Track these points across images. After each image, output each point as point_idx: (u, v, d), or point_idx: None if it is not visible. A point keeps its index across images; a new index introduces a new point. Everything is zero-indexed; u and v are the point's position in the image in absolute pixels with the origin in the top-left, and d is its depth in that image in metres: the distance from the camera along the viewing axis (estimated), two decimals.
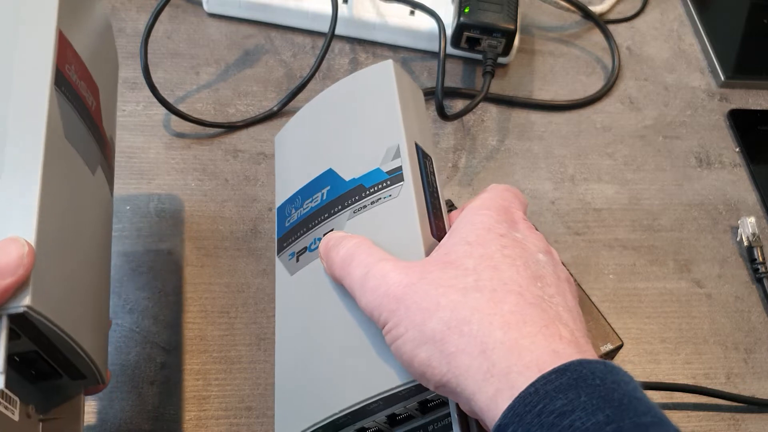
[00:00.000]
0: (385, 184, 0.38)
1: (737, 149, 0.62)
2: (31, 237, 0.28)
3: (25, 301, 0.27)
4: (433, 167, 0.40)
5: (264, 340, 0.47)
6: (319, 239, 0.38)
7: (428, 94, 0.59)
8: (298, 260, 0.39)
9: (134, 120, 0.55)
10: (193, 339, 0.46)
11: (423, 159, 0.39)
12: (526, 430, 0.26)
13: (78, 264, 0.32)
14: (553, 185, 0.57)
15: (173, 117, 0.55)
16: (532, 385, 0.27)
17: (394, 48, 0.63)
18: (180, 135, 0.55)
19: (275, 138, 0.47)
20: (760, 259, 0.54)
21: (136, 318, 0.46)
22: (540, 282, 0.31)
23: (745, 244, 0.55)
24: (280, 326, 0.39)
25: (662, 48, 0.68)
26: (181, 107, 0.55)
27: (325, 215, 0.39)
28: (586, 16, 0.67)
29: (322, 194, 0.40)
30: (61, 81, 0.33)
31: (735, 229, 0.56)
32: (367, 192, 0.38)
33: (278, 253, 0.41)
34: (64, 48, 0.34)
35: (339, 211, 0.38)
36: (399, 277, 0.32)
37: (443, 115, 0.57)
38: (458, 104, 0.61)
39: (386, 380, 0.33)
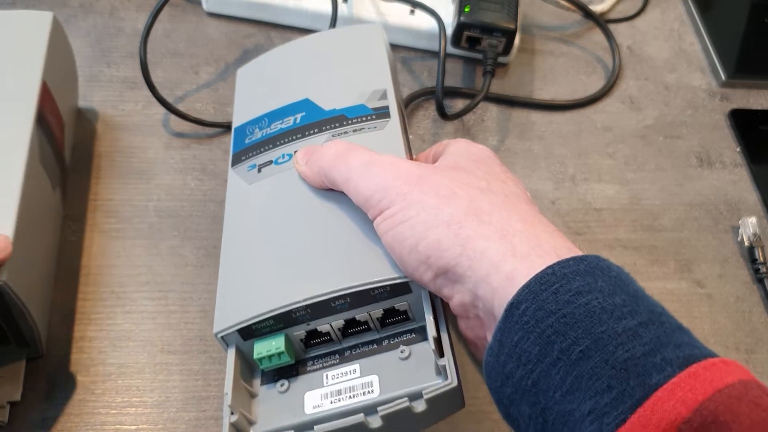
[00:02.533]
0: (369, 118, 0.38)
1: (738, 149, 0.61)
2: (10, 233, 0.38)
3: (3, 277, 0.36)
4: (406, 126, 0.40)
5: None
6: (290, 155, 0.38)
7: (428, 93, 0.59)
8: (260, 171, 0.38)
9: (133, 120, 0.55)
10: (193, 339, 0.46)
11: (401, 111, 0.40)
12: (539, 307, 0.26)
13: (36, 255, 0.43)
14: (553, 185, 0.57)
15: (172, 116, 0.55)
16: (550, 267, 0.27)
17: (394, 47, 0.63)
18: (179, 135, 0.55)
19: (238, 71, 0.46)
20: (761, 259, 0.54)
21: (135, 318, 0.46)
22: (536, 207, 0.33)
23: (746, 244, 0.55)
24: (230, 228, 0.37)
25: (663, 47, 0.68)
26: (181, 107, 0.55)
27: (299, 135, 0.38)
28: (586, 15, 0.67)
29: (296, 118, 0.39)
30: (40, 120, 0.44)
31: (736, 229, 0.56)
32: (350, 121, 0.38)
33: (233, 166, 0.40)
34: (44, 95, 0.44)
35: (316, 133, 0.38)
36: (411, 167, 0.32)
37: (443, 114, 0.56)
38: (458, 104, 0.60)
39: (363, 274, 0.32)
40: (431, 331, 0.31)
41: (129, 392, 0.44)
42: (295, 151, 0.37)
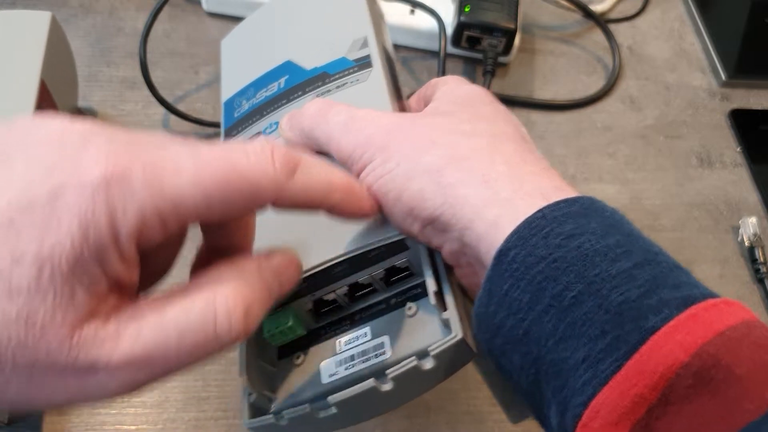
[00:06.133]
0: (351, 71, 0.36)
1: (738, 149, 0.61)
2: None
3: None
4: (395, 70, 0.39)
5: None
6: (277, 123, 0.37)
7: None
8: None
9: (133, 119, 0.55)
10: None
11: (388, 58, 0.38)
12: (529, 253, 0.25)
13: None
14: None
15: (172, 116, 0.55)
16: (540, 210, 0.26)
17: (394, 47, 0.63)
18: (179, 135, 0.55)
19: (221, 42, 0.45)
20: (762, 259, 0.54)
21: None
22: (528, 144, 0.31)
23: (747, 244, 0.55)
24: None
25: (663, 47, 0.68)
26: (180, 107, 0.55)
27: (284, 101, 0.37)
28: (586, 15, 0.67)
29: (279, 83, 0.39)
30: None
31: (736, 229, 0.56)
32: (332, 78, 0.37)
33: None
34: (43, 94, 0.44)
35: (300, 96, 0.37)
36: (390, 119, 0.31)
37: None
38: None
39: (356, 239, 0.31)
40: (431, 286, 0.30)
41: None
42: (282, 118, 0.37)
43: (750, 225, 0.55)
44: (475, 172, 0.28)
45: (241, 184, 0.22)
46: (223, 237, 0.26)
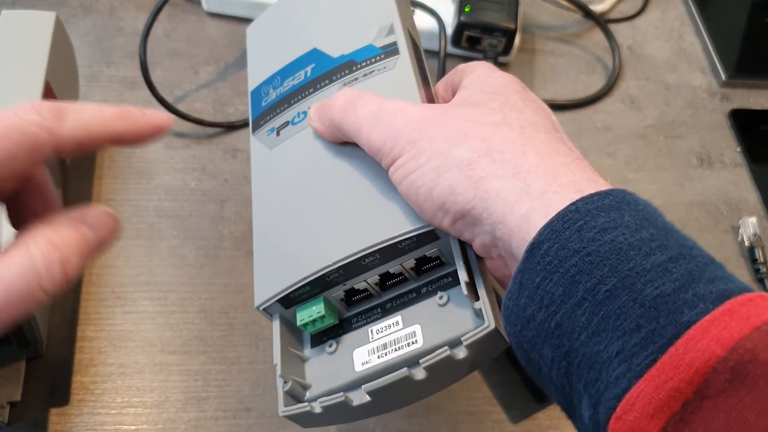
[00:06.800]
0: (378, 58, 0.36)
1: (738, 149, 0.61)
2: (15, 233, 0.38)
3: None
4: (422, 56, 0.39)
5: (263, 340, 0.46)
6: (304, 113, 0.37)
7: None
8: (278, 134, 0.38)
9: None
10: (193, 339, 0.46)
11: (414, 44, 0.38)
12: (562, 246, 0.25)
13: None
14: None
15: (172, 116, 0.55)
16: (573, 204, 0.26)
17: None
18: (179, 135, 0.55)
19: (247, 29, 0.45)
20: (762, 259, 0.54)
21: (135, 319, 0.46)
22: (560, 133, 0.31)
23: (747, 244, 0.55)
24: (258, 199, 0.37)
25: (663, 47, 0.68)
26: (180, 107, 0.55)
27: (311, 90, 0.38)
28: (586, 15, 0.67)
29: (306, 72, 0.39)
30: None
31: (736, 229, 0.56)
32: (359, 66, 0.37)
33: (253, 132, 0.39)
34: (47, 95, 0.45)
35: (327, 84, 0.37)
36: (420, 111, 0.31)
37: None
38: None
39: (387, 229, 0.31)
40: (462, 276, 0.30)
41: (129, 392, 0.44)
42: (309, 108, 0.37)
43: (750, 225, 0.55)
44: (507, 164, 0.28)
45: (17, 136, 0.24)
46: (27, 207, 0.27)
